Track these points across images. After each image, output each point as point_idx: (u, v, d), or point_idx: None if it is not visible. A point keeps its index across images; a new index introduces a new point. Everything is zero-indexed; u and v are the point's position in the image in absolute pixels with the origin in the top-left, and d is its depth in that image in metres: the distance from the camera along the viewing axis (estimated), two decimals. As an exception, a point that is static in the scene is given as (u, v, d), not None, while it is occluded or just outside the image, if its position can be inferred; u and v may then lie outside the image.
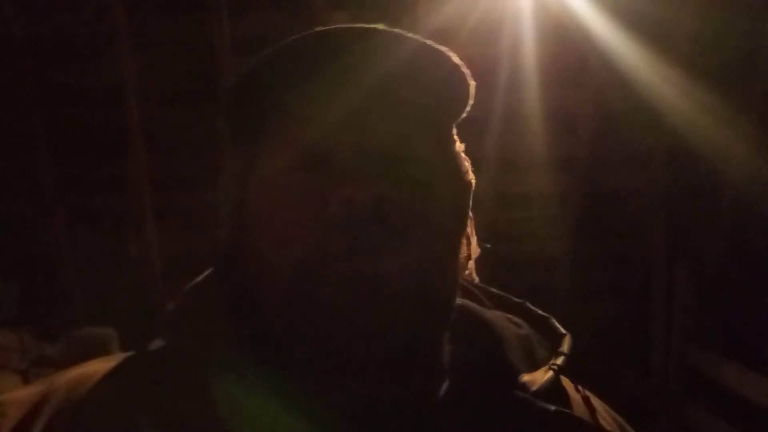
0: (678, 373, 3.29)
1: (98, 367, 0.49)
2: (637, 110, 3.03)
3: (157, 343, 0.51)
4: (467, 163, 0.56)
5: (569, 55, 2.94)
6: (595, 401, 0.55)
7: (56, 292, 3.40)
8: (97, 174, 3.25)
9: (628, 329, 3.62)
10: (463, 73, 0.50)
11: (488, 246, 0.61)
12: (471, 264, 0.59)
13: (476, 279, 0.61)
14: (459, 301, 0.54)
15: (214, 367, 0.46)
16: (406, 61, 0.48)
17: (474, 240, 0.58)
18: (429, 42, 0.49)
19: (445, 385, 0.50)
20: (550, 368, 0.52)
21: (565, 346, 0.55)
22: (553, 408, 0.48)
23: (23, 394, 0.47)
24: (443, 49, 0.49)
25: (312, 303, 0.44)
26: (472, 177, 0.56)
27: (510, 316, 0.58)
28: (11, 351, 3.04)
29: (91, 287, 3.39)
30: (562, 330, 0.57)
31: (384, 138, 0.47)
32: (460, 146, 0.56)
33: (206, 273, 0.54)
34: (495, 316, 0.57)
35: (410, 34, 0.49)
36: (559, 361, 0.53)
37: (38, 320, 3.24)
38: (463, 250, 0.55)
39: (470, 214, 0.57)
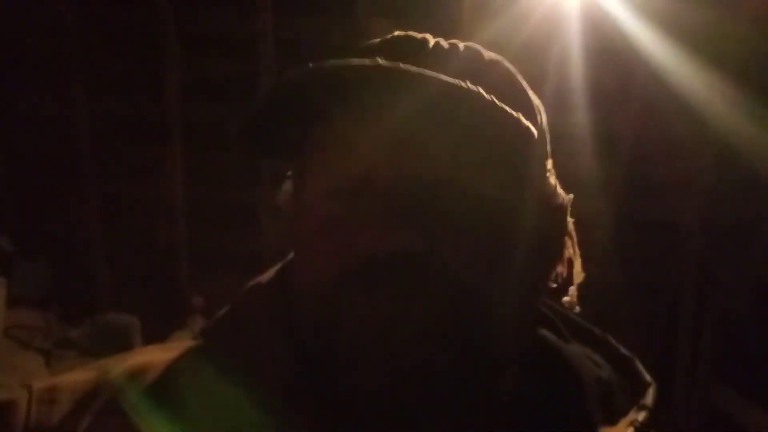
0: (700, 409, 3.22)
1: (155, 358, 0.49)
2: (685, 132, 2.94)
3: (203, 335, 0.51)
4: (555, 186, 0.52)
5: (615, 73, 2.90)
6: None
7: (85, 276, 3.46)
8: (133, 163, 3.30)
9: (651, 360, 3.55)
10: (507, 114, 0.45)
11: (597, 269, 0.56)
12: (572, 290, 0.54)
13: (577, 308, 0.56)
14: (537, 332, 0.51)
15: (269, 372, 0.46)
16: (454, 108, 0.45)
17: (577, 264, 0.53)
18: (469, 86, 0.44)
19: (503, 427, 0.47)
20: (632, 425, 0.47)
21: (650, 399, 0.50)
22: None
23: (77, 380, 0.47)
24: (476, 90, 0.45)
25: (333, 339, 0.44)
26: (563, 199, 0.52)
27: (590, 352, 0.53)
28: (36, 330, 3.09)
29: (119, 274, 3.44)
30: (647, 377, 0.52)
31: (424, 175, 0.45)
32: (547, 172, 0.52)
33: (265, 277, 0.53)
34: (574, 353, 0.52)
35: (469, 85, 0.44)
36: (641, 417, 0.48)
37: (65, 302, 3.30)
38: (555, 275, 0.51)
39: (572, 236, 0.53)
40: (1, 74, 3.06)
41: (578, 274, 0.53)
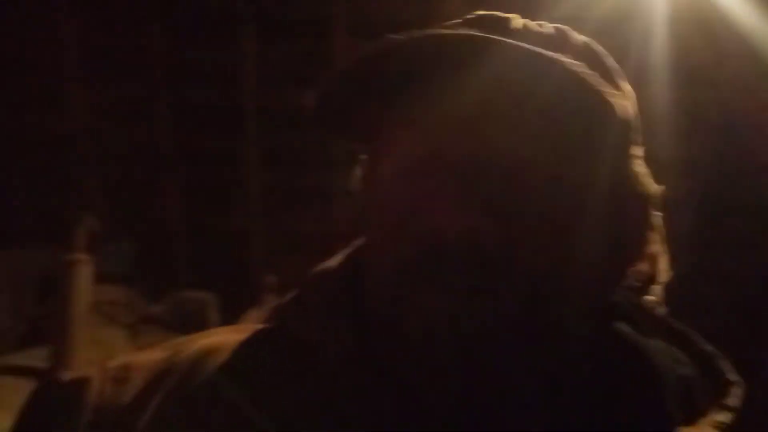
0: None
1: (224, 339, 0.49)
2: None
3: (257, 318, 0.51)
4: (642, 175, 0.48)
5: (705, 47, 2.75)
6: None
7: (166, 255, 3.60)
8: (211, 148, 3.40)
9: (733, 349, 3.39)
10: (590, 87, 0.42)
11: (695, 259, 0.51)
12: (657, 290, 0.50)
13: (662, 309, 0.52)
14: (615, 327, 0.48)
15: (334, 358, 0.45)
16: (537, 80, 0.42)
17: (663, 261, 0.49)
18: (565, 60, 0.42)
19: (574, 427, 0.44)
20: (714, 427, 0.44)
21: (734, 399, 0.46)
22: None
23: (149, 359, 0.47)
24: (574, 65, 0.42)
25: (399, 327, 0.42)
26: (649, 189, 0.48)
27: (671, 348, 0.49)
28: (120, 306, 3.25)
29: (198, 253, 3.56)
30: (733, 376, 0.48)
31: (500, 154, 0.42)
32: (635, 155, 0.48)
33: (334, 261, 0.52)
34: (655, 348, 0.48)
35: (552, 55, 0.42)
36: (725, 417, 0.45)
37: (148, 280, 3.44)
38: (637, 272, 0.48)
39: (658, 230, 0.49)
40: (92, 64, 3.20)
41: (664, 273, 0.49)
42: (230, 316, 2.73)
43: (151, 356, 0.47)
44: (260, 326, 0.51)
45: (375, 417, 0.42)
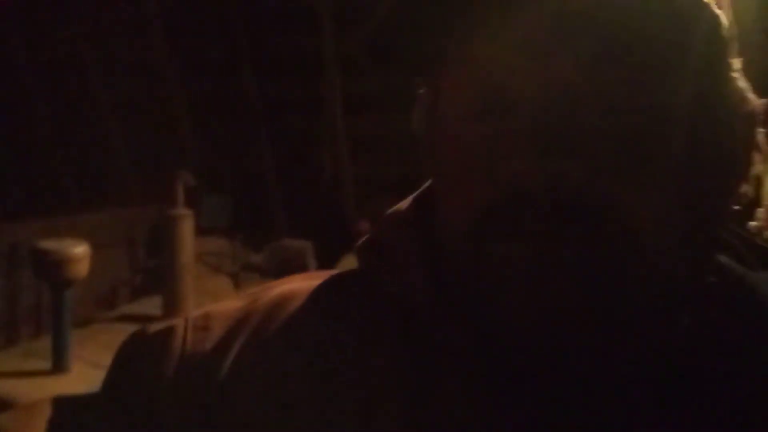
0: None
1: (300, 286, 0.48)
2: None
3: (352, 264, 0.51)
4: (745, 89, 0.43)
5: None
6: None
7: (262, 206, 3.73)
8: (296, 97, 3.45)
9: None
10: None
11: None
12: (761, 213, 0.46)
13: (764, 234, 0.48)
14: (718, 262, 0.44)
15: (408, 303, 0.44)
16: None
17: (767, 182, 0.46)
18: None
19: (676, 367, 0.42)
20: None
21: None
22: None
23: (229, 308, 0.48)
24: None
25: (476, 279, 0.40)
26: (753, 106, 0.43)
27: None
28: (224, 256, 3.41)
29: (291, 202, 3.66)
30: None
31: (578, 89, 0.38)
32: (735, 70, 0.43)
33: (405, 204, 0.49)
34: (761, 280, 0.44)
35: None
36: None
37: (247, 230, 3.58)
38: (744, 192, 0.44)
39: (760, 149, 0.44)
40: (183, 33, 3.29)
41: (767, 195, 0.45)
42: (327, 262, 2.81)
43: (231, 305, 0.48)
44: (335, 272, 0.51)
45: (448, 360, 0.41)
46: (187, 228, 2.76)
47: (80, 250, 2.28)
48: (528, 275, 0.37)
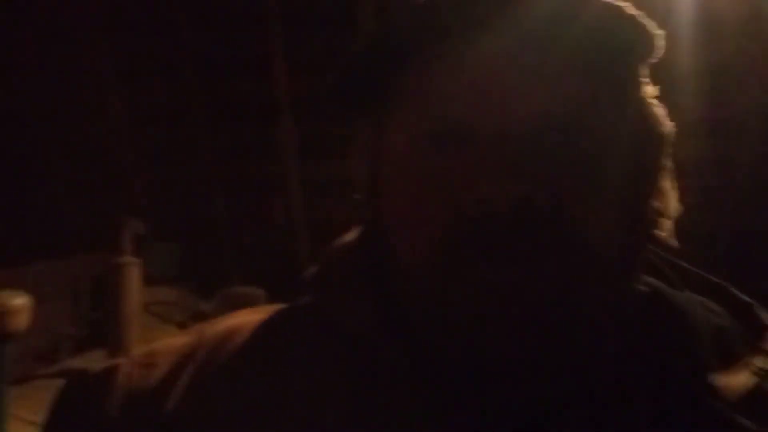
0: None
1: (247, 320, 0.49)
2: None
3: (301, 300, 0.51)
4: (660, 112, 0.46)
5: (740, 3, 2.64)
6: None
7: (214, 253, 3.66)
8: (249, 143, 3.43)
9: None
10: (625, 14, 0.40)
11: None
12: (667, 224, 0.48)
13: (674, 243, 0.50)
14: (645, 281, 0.47)
15: (354, 331, 0.44)
16: (556, 15, 0.39)
17: (673, 196, 0.48)
18: None
19: (607, 382, 0.44)
20: (752, 371, 0.43)
21: None
22: (754, 427, 0.40)
23: (175, 344, 0.48)
24: None
25: (440, 303, 0.40)
26: (666, 127, 0.46)
27: (705, 300, 0.49)
28: (173, 306, 3.32)
29: (244, 249, 3.60)
30: None
31: (538, 112, 0.40)
32: (650, 93, 0.46)
33: (352, 235, 0.51)
34: (688, 300, 0.48)
35: None
36: (761, 362, 0.44)
37: (198, 278, 3.50)
38: (653, 211, 0.46)
39: (666, 166, 0.48)
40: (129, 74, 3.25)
41: (675, 208, 0.47)
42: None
43: (177, 341, 0.48)
44: (281, 306, 0.51)
45: (405, 399, 0.41)
46: (133, 277, 2.69)
47: (20, 302, 2.18)
48: (503, 293, 0.38)
